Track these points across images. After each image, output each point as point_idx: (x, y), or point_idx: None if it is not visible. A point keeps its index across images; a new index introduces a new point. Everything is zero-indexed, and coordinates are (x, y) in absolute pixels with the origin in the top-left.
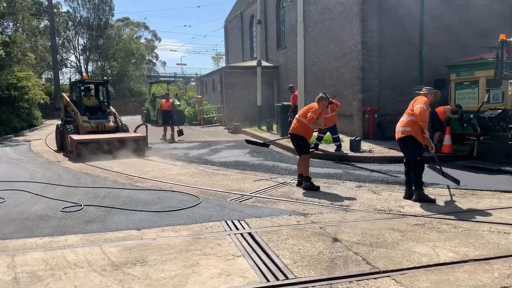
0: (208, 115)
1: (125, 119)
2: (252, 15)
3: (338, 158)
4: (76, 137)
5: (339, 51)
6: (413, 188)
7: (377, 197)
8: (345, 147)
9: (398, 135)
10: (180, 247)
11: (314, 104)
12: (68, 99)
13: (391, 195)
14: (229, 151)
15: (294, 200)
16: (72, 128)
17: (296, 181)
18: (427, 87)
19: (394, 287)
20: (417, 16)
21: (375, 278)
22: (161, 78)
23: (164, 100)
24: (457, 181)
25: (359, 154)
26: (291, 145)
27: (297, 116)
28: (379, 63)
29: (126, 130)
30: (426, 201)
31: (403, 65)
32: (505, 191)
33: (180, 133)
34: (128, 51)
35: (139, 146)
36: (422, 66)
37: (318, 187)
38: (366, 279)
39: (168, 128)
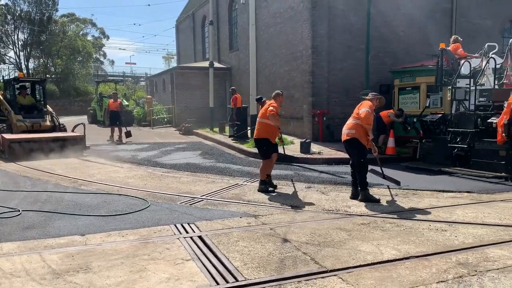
0: (159, 116)
1: (69, 119)
2: (204, 16)
3: (289, 159)
4: (8, 136)
5: (290, 54)
6: (359, 188)
7: (326, 198)
8: (296, 149)
9: (344, 137)
10: (127, 252)
11: (271, 101)
12: (1, 97)
13: (338, 196)
14: (180, 153)
15: (245, 202)
16: (5, 127)
17: (258, 187)
18: (373, 93)
19: (341, 285)
20: (364, 23)
21: (322, 277)
22: (109, 78)
23: (112, 100)
24: (397, 182)
25: (309, 156)
26: (243, 147)
27: (258, 119)
28: (329, 67)
29: (64, 130)
30: (371, 201)
31: (351, 70)
32: (443, 191)
33: (128, 134)
34: (73, 48)
35: (76, 146)
36: (368, 71)
37: (274, 188)
38: (314, 279)
39: (116, 129)
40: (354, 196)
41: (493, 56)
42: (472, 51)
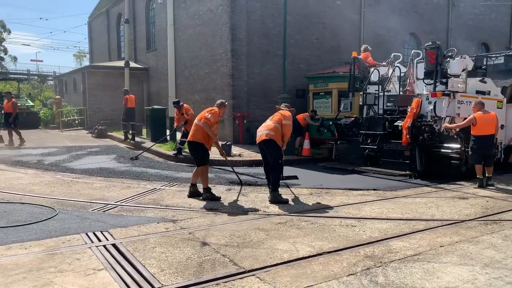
0: (69, 118)
1: None
2: (120, 14)
3: (210, 162)
4: None
5: (210, 57)
6: (270, 189)
7: (245, 199)
8: (217, 152)
9: (262, 137)
10: (30, 266)
11: (214, 108)
12: None
13: (257, 197)
14: (92, 157)
15: (163, 207)
16: None
17: (188, 192)
18: (286, 104)
19: (258, 285)
20: (281, 30)
21: (241, 278)
22: (11, 76)
23: (6, 100)
24: (295, 177)
25: (229, 158)
26: (161, 150)
27: (195, 121)
28: (248, 71)
29: None
30: (280, 203)
31: (269, 75)
32: (353, 189)
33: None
34: None
35: None
36: (285, 76)
37: (219, 197)
38: (233, 280)
39: (14, 132)
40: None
41: (398, 65)
42: (378, 60)
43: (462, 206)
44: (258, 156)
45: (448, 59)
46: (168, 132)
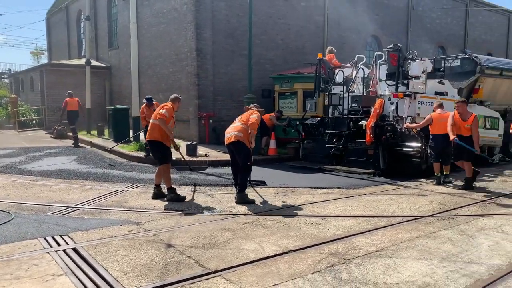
0: (26, 118)
1: None
2: (80, 10)
3: (174, 163)
4: None
5: (175, 56)
6: (237, 190)
7: (211, 200)
8: (182, 152)
9: (231, 139)
10: None
11: (168, 104)
12: None
13: (224, 197)
14: (51, 159)
15: (126, 209)
16: None
17: (152, 193)
18: (255, 104)
19: (224, 285)
20: (246, 30)
21: (207, 279)
22: None
23: None
24: (263, 182)
25: (195, 159)
26: (124, 150)
27: (151, 120)
28: (214, 70)
29: None
30: (247, 203)
31: (235, 74)
32: (318, 188)
33: None
34: None
35: None
36: (251, 76)
37: (184, 197)
38: (198, 281)
39: None
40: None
41: (361, 66)
42: (342, 61)
43: (421, 203)
44: (225, 156)
45: (409, 61)
46: (131, 132)
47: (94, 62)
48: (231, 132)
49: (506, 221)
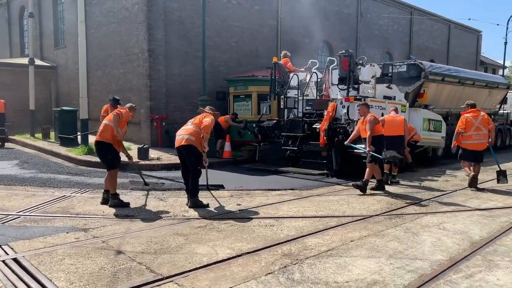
0: None
1: None
2: (23, 6)
3: (126, 167)
4: None
5: (126, 56)
6: (189, 195)
7: (164, 204)
8: (133, 155)
9: (181, 141)
10: None
11: (125, 108)
12: None
13: (176, 201)
14: None
15: (73, 216)
16: None
17: (101, 198)
18: (211, 107)
19: None
20: (200, 31)
21: (158, 285)
22: None
23: None
24: (221, 186)
25: (147, 162)
26: (72, 154)
27: (105, 121)
28: (166, 72)
29: None
30: (201, 207)
31: (189, 76)
32: (272, 190)
33: None
34: None
35: None
36: (205, 78)
37: (128, 203)
38: None
39: None
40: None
41: (315, 71)
42: (295, 65)
43: (370, 202)
44: (178, 160)
45: (359, 67)
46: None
47: (38, 62)
48: (182, 135)
49: (447, 218)
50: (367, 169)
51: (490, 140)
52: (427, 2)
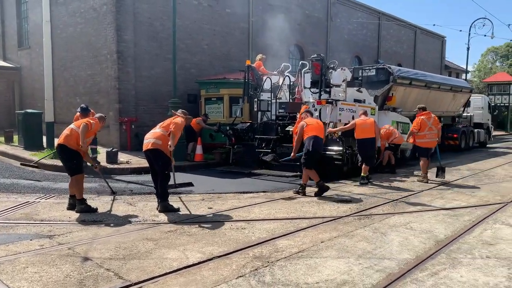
0: None
1: None
2: None
3: (93, 171)
4: None
5: (94, 58)
6: (159, 199)
7: (133, 209)
8: (102, 159)
9: (148, 145)
10: None
11: (96, 121)
12: None
13: (146, 205)
14: None
15: (38, 222)
16: None
17: (67, 204)
18: (183, 111)
19: None
20: (170, 33)
21: None
22: None
23: None
24: (190, 184)
25: (116, 166)
26: (36, 158)
27: (72, 126)
28: (136, 74)
29: None
30: (171, 211)
31: (159, 78)
32: (244, 192)
33: None
34: None
35: None
36: (175, 81)
37: (96, 209)
38: None
39: None
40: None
41: (287, 74)
42: (267, 68)
43: (340, 203)
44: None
45: (331, 71)
46: (45, 139)
47: (1, 62)
48: (149, 139)
49: (414, 218)
50: (303, 173)
51: (438, 139)
52: (394, 8)
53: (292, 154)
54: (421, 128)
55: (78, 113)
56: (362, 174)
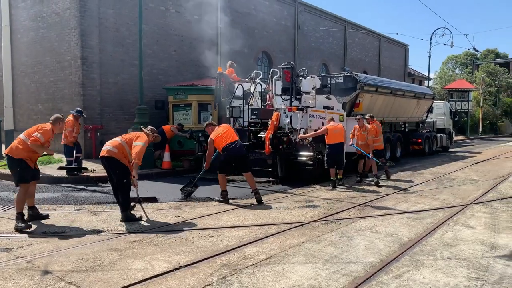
0: None
1: None
2: None
3: (56, 180)
4: None
5: (57, 63)
6: (121, 208)
7: (97, 219)
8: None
9: (104, 152)
10: None
11: (47, 125)
12: None
13: (111, 215)
14: None
15: None
16: None
17: (27, 215)
18: (153, 128)
19: None
20: (136, 39)
21: None
22: None
23: None
24: (154, 199)
25: (80, 174)
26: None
27: (21, 136)
28: (101, 80)
29: None
30: (134, 220)
31: (126, 85)
32: (213, 199)
33: None
34: None
35: None
36: (142, 87)
37: (47, 215)
38: None
39: None
40: None
41: (259, 81)
42: (237, 75)
43: (308, 209)
44: None
45: (301, 78)
46: (3, 147)
47: None
48: (106, 146)
49: (379, 222)
50: (219, 179)
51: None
52: (359, 16)
53: (205, 165)
54: (377, 133)
55: (71, 119)
56: (331, 177)
